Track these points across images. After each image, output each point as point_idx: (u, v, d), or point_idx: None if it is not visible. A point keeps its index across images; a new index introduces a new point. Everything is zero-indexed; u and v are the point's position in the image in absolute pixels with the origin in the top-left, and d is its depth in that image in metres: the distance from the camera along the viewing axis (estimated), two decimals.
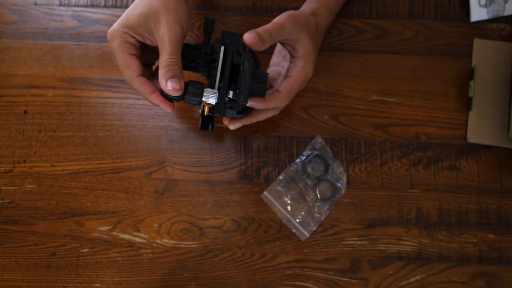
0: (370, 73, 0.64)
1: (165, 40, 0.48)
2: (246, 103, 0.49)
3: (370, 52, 0.64)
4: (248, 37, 0.48)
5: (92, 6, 0.66)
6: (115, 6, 0.66)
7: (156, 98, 0.50)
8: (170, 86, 0.48)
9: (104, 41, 0.65)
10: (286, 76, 0.54)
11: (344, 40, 0.64)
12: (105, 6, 0.66)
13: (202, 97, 0.50)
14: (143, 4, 0.49)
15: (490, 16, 0.64)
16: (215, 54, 0.52)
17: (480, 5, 0.64)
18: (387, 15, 0.65)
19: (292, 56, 0.54)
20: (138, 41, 0.50)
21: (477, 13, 0.64)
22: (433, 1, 0.65)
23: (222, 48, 0.51)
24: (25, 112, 0.64)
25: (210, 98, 0.50)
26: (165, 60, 0.48)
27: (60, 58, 0.65)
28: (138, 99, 0.64)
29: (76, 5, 0.66)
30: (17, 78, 0.65)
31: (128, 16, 0.49)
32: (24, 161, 0.63)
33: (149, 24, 0.49)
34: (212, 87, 0.51)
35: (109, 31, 0.49)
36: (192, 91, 0.49)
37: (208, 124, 0.56)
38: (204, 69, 0.53)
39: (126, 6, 0.66)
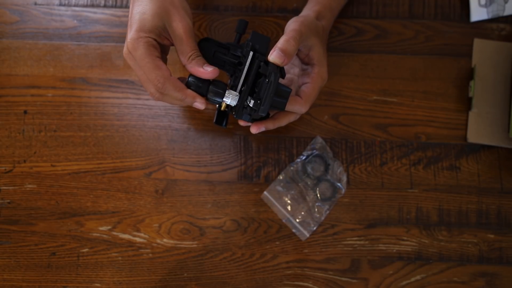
0: (370, 73, 0.64)
1: (183, 37, 0.50)
2: (265, 114, 0.51)
3: (370, 52, 0.64)
4: (274, 57, 0.49)
5: (92, 6, 0.66)
6: (115, 6, 0.66)
7: (191, 95, 0.50)
8: (208, 69, 0.50)
9: (104, 41, 0.65)
10: (303, 83, 0.55)
11: (344, 40, 0.64)
12: (105, 6, 0.66)
13: (223, 98, 0.51)
14: (151, 5, 0.49)
15: (490, 16, 0.64)
16: (243, 57, 0.52)
17: (480, 5, 0.64)
18: (387, 15, 0.65)
19: (305, 64, 0.55)
20: (158, 42, 0.51)
21: (477, 13, 0.64)
22: (433, 1, 0.65)
23: (251, 54, 0.52)
24: (25, 112, 0.64)
25: (231, 100, 0.51)
26: (191, 54, 0.50)
27: (60, 58, 0.65)
28: (138, 99, 0.64)
29: (76, 5, 0.66)
30: (17, 78, 0.65)
31: (142, 20, 0.49)
32: (24, 161, 0.63)
33: (164, 23, 0.50)
34: (234, 88, 0.52)
35: (129, 40, 0.49)
36: (214, 91, 0.51)
37: (223, 119, 0.56)
38: (229, 68, 0.54)
39: (126, 6, 0.66)
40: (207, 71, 0.50)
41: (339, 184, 0.61)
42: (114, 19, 0.66)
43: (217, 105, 0.55)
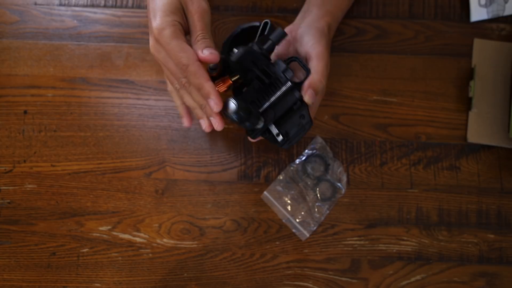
0: (370, 73, 0.64)
1: (195, 18, 0.50)
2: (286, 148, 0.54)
3: (370, 52, 0.64)
4: (308, 98, 0.52)
5: (92, 6, 0.66)
6: (115, 6, 0.66)
7: (211, 87, 0.49)
8: (206, 52, 0.49)
9: (104, 41, 0.65)
10: (308, 57, 0.54)
11: (344, 40, 0.64)
12: (105, 6, 0.66)
13: (247, 122, 0.50)
14: None
15: (490, 16, 0.64)
16: (278, 81, 0.51)
17: (480, 5, 0.64)
18: (387, 15, 0.65)
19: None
20: (182, 27, 0.50)
21: (477, 13, 0.64)
22: (433, 1, 0.65)
23: (289, 84, 0.51)
24: (25, 112, 0.64)
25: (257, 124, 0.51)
26: (197, 35, 0.49)
27: (60, 58, 0.65)
28: (138, 99, 0.64)
29: (76, 5, 0.66)
30: (17, 78, 0.65)
31: (163, 6, 0.49)
32: (24, 161, 0.63)
33: (182, 6, 0.50)
34: (240, 97, 0.51)
35: (155, 26, 0.48)
36: (239, 115, 0.49)
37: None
38: (255, 81, 0.52)
39: (126, 6, 0.66)
40: (204, 55, 0.49)
41: (339, 184, 0.61)
42: (114, 19, 0.66)
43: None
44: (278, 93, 0.51)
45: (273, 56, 0.57)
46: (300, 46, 0.56)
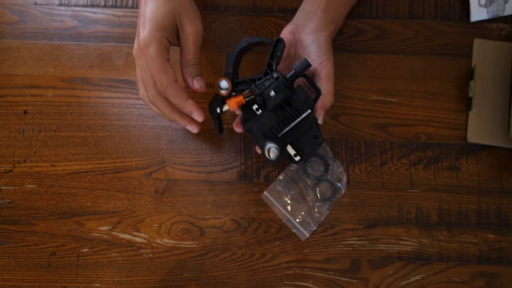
0: (370, 73, 0.64)
1: (190, 41, 0.50)
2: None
3: (370, 52, 0.64)
4: (321, 119, 0.54)
5: (92, 6, 0.66)
6: (115, 6, 0.66)
7: (191, 105, 0.51)
8: (196, 84, 0.50)
9: (104, 41, 0.65)
10: (317, 75, 0.55)
11: (344, 40, 0.64)
12: (105, 6, 0.66)
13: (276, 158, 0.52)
14: (162, 4, 0.49)
15: (490, 16, 0.64)
16: (299, 109, 0.53)
17: (480, 5, 0.64)
18: (387, 15, 0.65)
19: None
20: (169, 44, 0.50)
21: (477, 13, 0.64)
22: (433, 1, 0.65)
23: (309, 111, 0.53)
24: (25, 112, 0.64)
25: (272, 154, 0.53)
26: (189, 60, 0.50)
27: (60, 58, 0.65)
28: (138, 99, 0.64)
29: (76, 5, 0.66)
30: (17, 78, 0.65)
31: (155, 18, 0.48)
32: (24, 161, 0.63)
33: (176, 23, 0.49)
34: (272, 128, 0.53)
35: (141, 37, 0.48)
36: (279, 158, 0.52)
37: (222, 127, 0.58)
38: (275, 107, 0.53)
39: (126, 6, 0.66)
40: (193, 86, 0.50)
41: (339, 184, 0.61)
42: (114, 19, 0.66)
43: (216, 115, 0.55)
44: (298, 119, 0.53)
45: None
46: (304, 52, 0.56)
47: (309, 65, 0.52)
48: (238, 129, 0.55)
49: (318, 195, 0.61)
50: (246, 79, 0.53)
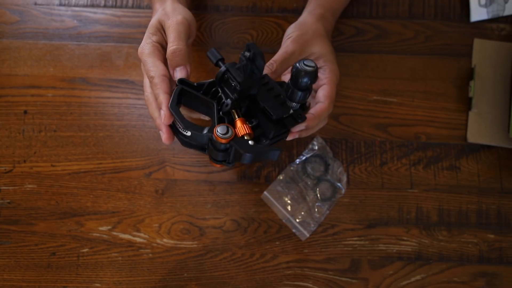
0: (370, 73, 0.64)
1: (169, 30, 0.52)
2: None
3: (370, 52, 0.64)
4: (267, 70, 0.52)
5: (92, 6, 0.66)
6: (115, 6, 0.66)
7: (165, 99, 0.49)
8: (177, 75, 0.51)
9: (104, 41, 0.65)
10: (318, 86, 0.54)
11: (344, 40, 0.64)
12: (105, 6, 0.66)
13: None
14: (153, 17, 0.55)
15: (490, 16, 0.64)
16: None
17: (480, 5, 0.64)
18: (387, 15, 0.65)
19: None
20: (161, 46, 0.53)
21: (477, 13, 0.64)
22: (433, 1, 0.65)
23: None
24: (25, 112, 0.64)
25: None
26: (169, 48, 0.51)
27: (60, 58, 0.65)
28: (138, 99, 0.64)
29: (76, 5, 0.66)
30: (17, 78, 0.65)
31: (149, 28, 0.54)
32: (24, 161, 0.63)
33: (161, 25, 0.53)
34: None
35: (140, 46, 0.52)
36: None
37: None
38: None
39: (126, 6, 0.66)
40: (173, 77, 0.51)
41: (339, 184, 0.61)
42: (114, 19, 0.66)
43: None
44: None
45: (283, 53, 0.53)
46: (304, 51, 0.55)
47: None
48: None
49: (318, 195, 0.61)
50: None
